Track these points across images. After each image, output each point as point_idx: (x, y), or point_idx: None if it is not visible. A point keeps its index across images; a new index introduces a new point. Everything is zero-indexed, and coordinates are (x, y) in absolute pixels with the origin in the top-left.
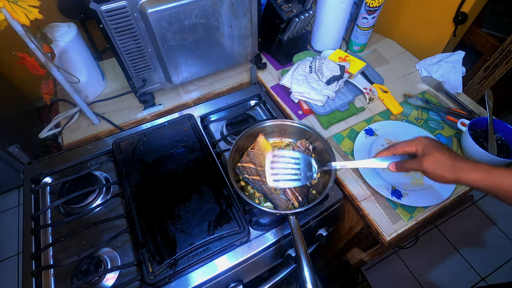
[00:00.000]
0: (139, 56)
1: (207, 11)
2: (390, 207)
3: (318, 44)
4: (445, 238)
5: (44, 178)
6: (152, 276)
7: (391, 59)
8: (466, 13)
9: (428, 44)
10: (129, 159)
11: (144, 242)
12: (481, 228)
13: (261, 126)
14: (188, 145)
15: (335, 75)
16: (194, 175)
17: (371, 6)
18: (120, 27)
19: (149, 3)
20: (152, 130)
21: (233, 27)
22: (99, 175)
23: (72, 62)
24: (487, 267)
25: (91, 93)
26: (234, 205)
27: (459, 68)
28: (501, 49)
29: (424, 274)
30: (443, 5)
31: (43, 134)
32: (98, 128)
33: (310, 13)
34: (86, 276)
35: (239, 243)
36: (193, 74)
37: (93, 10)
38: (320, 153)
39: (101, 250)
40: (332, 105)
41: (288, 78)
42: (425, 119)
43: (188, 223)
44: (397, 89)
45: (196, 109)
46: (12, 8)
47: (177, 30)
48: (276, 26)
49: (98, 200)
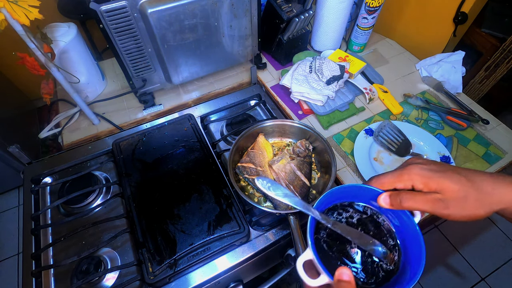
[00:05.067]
0: (139, 56)
1: (207, 11)
2: None
3: (318, 44)
4: (445, 238)
5: (44, 178)
6: (152, 276)
7: (391, 59)
8: (466, 13)
9: (428, 44)
10: (129, 159)
11: (144, 242)
12: (481, 228)
13: (261, 126)
14: (188, 145)
15: (335, 75)
16: (194, 175)
17: (371, 6)
18: (120, 27)
19: (149, 3)
20: (152, 130)
21: (233, 27)
22: (99, 175)
23: (72, 62)
24: (487, 267)
25: (91, 93)
26: (234, 205)
27: (459, 68)
28: (502, 49)
29: (424, 274)
30: (443, 5)
31: (43, 134)
32: (98, 128)
33: (310, 13)
34: (86, 276)
35: (239, 243)
36: (193, 74)
37: (93, 10)
38: (320, 153)
39: (101, 250)
40: (332, 105)
41: (288, 78)
42: (425, 119)
43: (188, 223)
44: (397, 89)
45: (196, 109)
46: (12, 8)
47: (177, 30)
48: (276, 26)
49: (98, 200)
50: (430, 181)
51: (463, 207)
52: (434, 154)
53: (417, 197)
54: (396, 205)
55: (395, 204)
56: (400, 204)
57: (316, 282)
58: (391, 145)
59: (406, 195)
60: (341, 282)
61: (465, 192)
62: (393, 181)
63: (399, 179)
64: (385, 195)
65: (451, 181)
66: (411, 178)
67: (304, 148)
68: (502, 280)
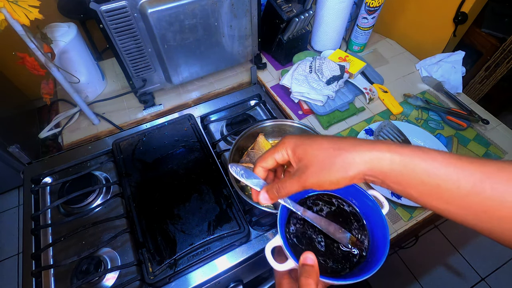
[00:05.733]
0: (139, 56)
1: (207, 11)
2: (390, 207)
3: (318, 44)
4: (445, 238)
5: (44, 178)
6: (152, 276)
7: (391, 59)
8: (466, 13)
9: (428, 44)
10: (129, 159)
11: (144, 242)
12: None
13: (261, 126)
14: (188, 145)
15: (335, 75)
16: (194, 175)
17: (371, 6)
18: (120, 27)
19: (149, 3)
20: (152, 130)
21: (233, 27)
22: (99, 175)
23: (72, 62)
24: (487, 267)
25: (91, 93)
26: (234, 205)
27: (459, 68)
28: (502, 49)
29: (424, 274)
30: (443, 5)
31: (43, 134)
32: (98, 128)
33: (310, 13)
34: (86, 276)
35: (239, 243)
36: (193, 74)
37: (93, 10)
38: None
39: (101, 250)
40: (332, 105)
41: (288, 78)
42: (425, 119)
43: (188, 223)
44: (397, 89)
45: (196, 109)
46: (12, 8)
47: (177, 30)
48: (276, 26)
49: (98, 200)
50: (297, 148)
51: (328, 172)
52: None
53: (286, 182)
54: (274, 197)
55: (274, 197)
56: (278, 195)
57: (282, 267)
58: None
59: (280, 184)
60: (305, 266)
61: (326, 155)
62: (272, 152)
63: (276, 149)
64: (263, 191)
65: (312, 146)
66: (284, 146)
67: None
68: (502, 280)
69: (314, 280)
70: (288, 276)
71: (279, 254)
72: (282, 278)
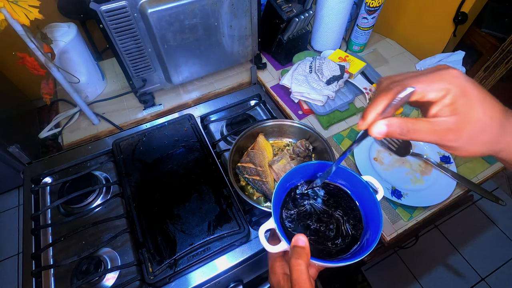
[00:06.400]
0: (139, 56)
1: (207, 11)
2: (390, 207)
3: (318, 44)
4: (445, 238)
5: (44, 178)
6: (152, 276)
7: (391, 59)
8: (466, 13)
9: (428, 44)
10: (129, 159)
11: (144, 242)
12: (481, 228)
13: (261, 126)
14: (188, 145)
15: (335, 75)
16: (194, 175)
17: (371, 6)
18: (120, 27)
19: (149, 3)
20: (152, 130)
21: (233, 27)
22: (99, 175)
23: (72, 62)
24: (487, 267)
25: (91, 93)
26: (234, 205)
27: (459, 68)
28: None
29: (424, 274)
30: (443, 5)
31: (43, 134)
32: (98, 128)
33: (310, 13)
34: (86, 276)
35: (239, 243)
36: (193, 74)
37: (93, 10)
38: (320, 153)
39: (101, 250)
40: (332, 105)
41: (288, 78)
42: None
43: (188, 223)
44: None
45: (196, 109)
46: (12, 8)
47: (177, 30)
48: (276, 26)
49: (98, 200)
50: (463, 97)
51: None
52: (434, 154)
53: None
54: (394, 133)
55: (394, 132)
56: (403, 134)
57: (275, 249)
58: (391, 145)
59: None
60: (296, 248)
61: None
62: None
63: (430, 83)
64: (382, 122)
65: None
66: (451, 82)
67: (304, 148)
68: (502, 280)
69: (305, 261)
70: (281, 258)
71: (273, 238)
72: (275, 260)
